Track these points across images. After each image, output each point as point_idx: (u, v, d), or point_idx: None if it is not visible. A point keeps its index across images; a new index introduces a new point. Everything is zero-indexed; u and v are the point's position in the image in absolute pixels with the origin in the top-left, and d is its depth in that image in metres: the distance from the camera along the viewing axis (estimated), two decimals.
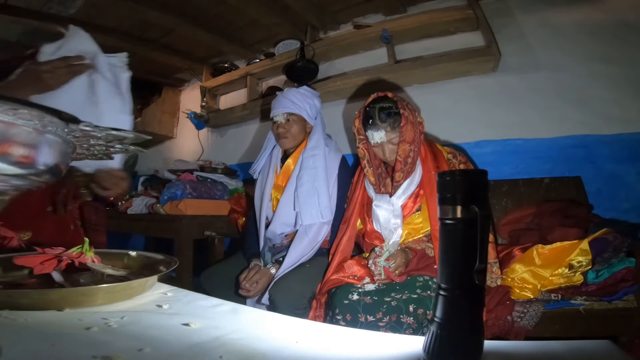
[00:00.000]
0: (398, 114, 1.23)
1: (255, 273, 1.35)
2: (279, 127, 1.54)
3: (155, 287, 0.69)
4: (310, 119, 1.56)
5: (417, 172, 1.28)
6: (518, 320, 1.14)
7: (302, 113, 1.54)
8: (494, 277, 1.20)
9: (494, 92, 1.90)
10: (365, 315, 1.07)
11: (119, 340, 0.44)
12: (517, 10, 1.89)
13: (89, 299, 0.56)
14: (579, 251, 1.18)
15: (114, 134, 0.49)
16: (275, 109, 1.56)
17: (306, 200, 1.42)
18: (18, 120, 0.36)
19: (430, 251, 1.23)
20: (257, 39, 2.51)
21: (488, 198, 0.45)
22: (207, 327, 0.51)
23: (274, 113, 1.56)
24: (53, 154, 0.42)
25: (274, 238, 1.50)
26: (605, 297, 1.12)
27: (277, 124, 1.55)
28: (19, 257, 0.63)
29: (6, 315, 0.48)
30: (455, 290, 0.43)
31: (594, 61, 1.72)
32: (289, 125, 1.53)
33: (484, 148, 1.89)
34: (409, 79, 2.05)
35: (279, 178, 1.56)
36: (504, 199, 1.69)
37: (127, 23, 2.21)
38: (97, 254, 0.70)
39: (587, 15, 1.76)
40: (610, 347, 0.44)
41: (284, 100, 1.54)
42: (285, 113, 1.53)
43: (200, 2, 2.05)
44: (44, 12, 1.99)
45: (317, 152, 1.50)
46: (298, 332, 0.52)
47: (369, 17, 2.22)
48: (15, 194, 0.41)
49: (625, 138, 1.63)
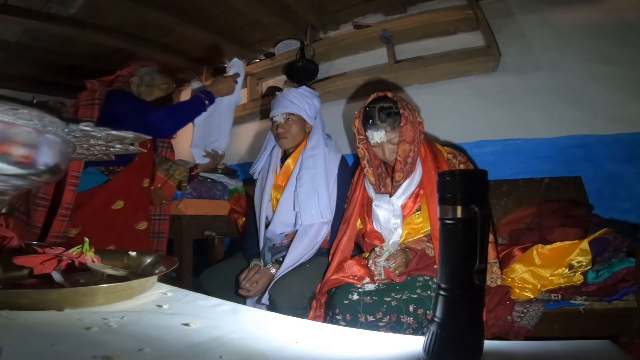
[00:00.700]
0: (398, 113, 1.23)
1: (255, 273, 1.35)
2: (279, 127, 1.54)
3: (155, 287, 0.69)
4: (309, 119, 1.56)
5: (417, 172, 1.29)
6: (518, 320, 1.14)
7: (302, 113, 1.54)
8: (494, 277, 1.20)
9: (494, 92, 1.90)
10: (365, 315, 1.07)
11: (119, 340, 0.44)
12: (517, 10, 1.89)
13: (89, 299, 0.56)
14: (579, 251, 1.18)
15: (114, 134, 0.49)
16: (274, 109, 1.56)
17: (306, 200, 1.42)
18: (18, 120, 0.36)
19: (430, 251, 1.23)
20: (257, 39, 2.51)
21: (488, 198, 0.45)
22: (207, 327, 0.51)
23: (273, 113, 1.56)
24: (53, 154, 0.42)
25: (273, 238, 1.50)
26: (605, 297, 1.12)
27: (277, 124, 1.55)
28: (19, 257, 0.63)
29: (6, 315, 0.48)
30: (455, 290, 0.43)
31: (594, 61, 1.72)
32: (288, 125, 1.53)
33: (484, 148, 1.89)
34: (409, 79, 2.05)
35: (278, 178, 1.56)
36: (504, 199, 1.69)
37: (127, 23, 2.20)
38: (97, 254, 0.70)
39: (587, 15, 1.76)
40: (610, 347, 0.44)
41: (284, 101, 1.54)
42: (285, 113, 1.53)
43: (200, 2, 2.05)
44: (44, 12, 1.99)
45: (316, 152, 1.50)
46: (298, 332, 0.52)
47: (369, 17, 2.21)
48: (15, 194, 0.41)
49: (625, 138, 1.63)
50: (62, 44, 2.38)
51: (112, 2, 1.96)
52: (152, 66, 1.63)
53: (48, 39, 2.31)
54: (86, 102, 1.38)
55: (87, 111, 1.35)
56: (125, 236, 1.39)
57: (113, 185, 1.40)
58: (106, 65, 2.71)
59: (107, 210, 1.37)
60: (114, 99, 1.46)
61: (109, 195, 1.39)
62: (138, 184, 1.48)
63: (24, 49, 2.40)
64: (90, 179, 1.36)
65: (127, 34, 2.31)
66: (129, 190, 1.43)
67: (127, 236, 1.40)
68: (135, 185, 1.47)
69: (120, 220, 1.40)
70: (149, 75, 1.60)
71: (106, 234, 1.35)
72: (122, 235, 1.39)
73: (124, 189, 1.42)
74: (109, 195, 1.39)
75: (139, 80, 1.59)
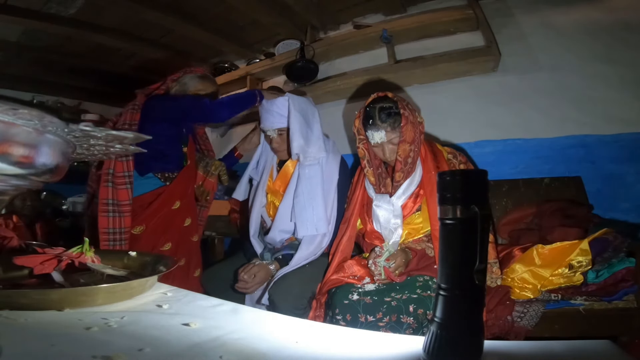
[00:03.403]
0: (398, 114, 1.23)
1: (253, 266, 1.36)
2: (273, 141, 1.52)
3: (155, 287, 0.68)
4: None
5: (417, 172, 1.29)
6: (518, 320, 1.14)
7: None
8: (494, 277, 1.20)
9: (494, 92, 1.90)
10: (365, 315, 1.07)
11: (119, 340, 0.44)
12: (517, 10, 1.89)
13: (89, 299, 0.56)
14: (579, 251, 1.18)
15: (114, 134, 0.49)
16: (264, 121, 1.51)
17: (301, 213, 1.41)
18: (18, 120, 0.36)
19: (430, 251, 1.23)
20: (257, 39, 2.51)
21: (488, 198, 0.45)
22: (207, 327, 0.51)
23: (264, 127, 1.52)
24: (53, 154, 0.42)
25: (273, 244, 1.50)
26: (605, 297, 1.12)
27: (270, 138, 1.52)
28: (19, 257, 0.63)
29: (6, 315, 0.48)
30: (455, 290, 0.43)
31: (594, 61, 1.72)
32: (282, 139, 1.50)
33: (484, 148, 1.89)
34: (409, 79, 2.05)
35: (275, 183, 1.55)
36: (504, 199, 1.69)
37: (127, 23, 2.20)
38: (97, 254, 0.70)
39: (588, 15, 1.76)
40: (610, 347, 0.44)
41: (273, 116, 1.48)
42: (276, 129, 1.49)
43: (200, 2, 2.05)
44: (44, 12, 1.99)
45: (313, 162, 1.47)
46: (298, 332, 0.52)
47: (369, 17, 2.21)
48: (15, 194, 0.41)
49: (625, 138, 1.63)
50: (62, 44, 2.38)
51: (112, 2, 1.96)
52: (196, 72, 1.66)
53: (48, 39, 2.31)
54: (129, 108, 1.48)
55: (128, 115, 1.45)
56: (178, 233, 1.51)
57: (174, 187, 1.50)
58: (106, 65, 2.72)
59: (167, 210, 1.48)
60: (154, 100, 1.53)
61: (170, 197, 1.49)
62: (191, 185, 1.59)
63: (24, 49, 2.40)
64: (150, 182, 1.48)
65: (127, 34, 2.31)
66: (184, 191, 1.54)
67: (178, 233, 1.51)
68: (190, 187, 1.58)
69: (177, 219, 1.51)
70: (189, 81, 1.63)
71: (165, 231, 1.47)
72: (176, 232, 1.50)
73: (181, 191, 1.53)
74: (170, 197, 1.49)
75: (178, 86, 1.63)
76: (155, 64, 2.69)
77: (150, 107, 1.50)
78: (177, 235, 1.50)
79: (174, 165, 1.53)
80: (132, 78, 2.70)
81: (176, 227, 1.50)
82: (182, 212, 1.53)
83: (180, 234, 1.51)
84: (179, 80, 1.63)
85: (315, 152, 1.47)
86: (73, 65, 2.68)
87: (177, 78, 1.63)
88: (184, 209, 1.53)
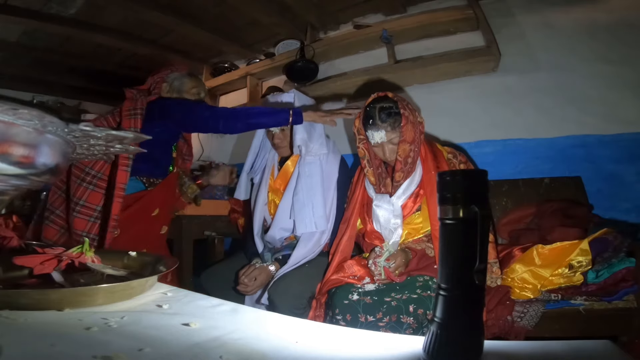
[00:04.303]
0: (398, 114, 1.23)
1: (254, 269, 1.36)
2: (275, 137, 1.53)
3: (155, 287, 0.68)
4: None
5: (417, 172, 1.28)
6: (518, 320, 1.14)
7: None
8: (494, 277, 1.20)
9: (494, 92, 1.90)
10: (365, 315, 1.07)
11: (119, 340, 0.44)
12: (517, 10, 1.89)
13: (89, 299, 0.56)
14: (579, 251, 1.18)
15: (114, 134, 0.49)
16: None
17: (301, 210, 1.42)
18: (18, 120, 0.36)
19: (430, 251, 1.23)
20: (257, 39, 2.51)
21: (488, 198, 0.45)
22: (207, 327, 0.51)
23: None
24: (53, 154, 0.42)
25: (273, 242, 1.50)
26: (605, 297, 1.12)
27: (272, 134, 1.54)
28: (19, 257, 0.63)
29: (6, 315, 0.48)
30: (455, 290, 0.43)
31: (594, 61, 1.72)
32: (284, 135, 1.52)
33: (484, 148, 1.89)
34: (409, 79, 2.05)
35: (276, 181, 1.55)
36: (504, 199, 1.69)
37: (127, 23, 2.20)
38: (97, 254, 0.70)
39: (587, 15, 1.76)
40: (610, 347, 0.44)
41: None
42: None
43: (200, 2, 2.05)
44: (44, 12, 1.98)
45: (313, 160, 1.49)
46: (298, 332, 0.52)
47: (369, 17, 2.21)
48: (15, 194, 0.41)
49: (625, 138, 1.63)
50: (62, 44, 2.38)
51: (112, 2, 1.96)
52: (180, 71, 1.62)
53: (48, 39, 2.31)
54: (128, 112, 1.40)
55: (131, 121, 1.37)
56: (154, 240, 1.48)
57: (156, 194, 1.47)
58: (106, 65, 2.72)
59: (147, 216, 1.45)
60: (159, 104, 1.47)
61: (150, 203, 1.46)
62: (172, 193, 1.58)
63: (24, 49, 2.40)
64: (131, 185, 1.41)
65: (127, 34, 2.31)
66: (165, 199, 1.52)
67: (155, 240, 1.48)
68: (170, 195, 1.56)
69: (154, 225, 1.49)
70: (179, 80, 1.59)
71: (142, 236, 1.43)
72: (153, 239, 1.47)
73: (162, 198, 1.50)
74: (150, 203, 1.46)
75: (169, 87, 1.58)
76: (155, 64, 2.68)
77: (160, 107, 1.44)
78: (153, 242, 1.46)
79: (160, 170, 1.51)
80: (132, 78, 2.70)
81: (154, 235, 1.47)
82: (160, 220, 1.49)
83: (154, 240, 1.48)
84: (166, 79, 1.59)
85: (317, 148, 1.48)
86: (73, 65, 2.68)
87: (163, 77, 1.59)
88: (162, 216, 1.50)
